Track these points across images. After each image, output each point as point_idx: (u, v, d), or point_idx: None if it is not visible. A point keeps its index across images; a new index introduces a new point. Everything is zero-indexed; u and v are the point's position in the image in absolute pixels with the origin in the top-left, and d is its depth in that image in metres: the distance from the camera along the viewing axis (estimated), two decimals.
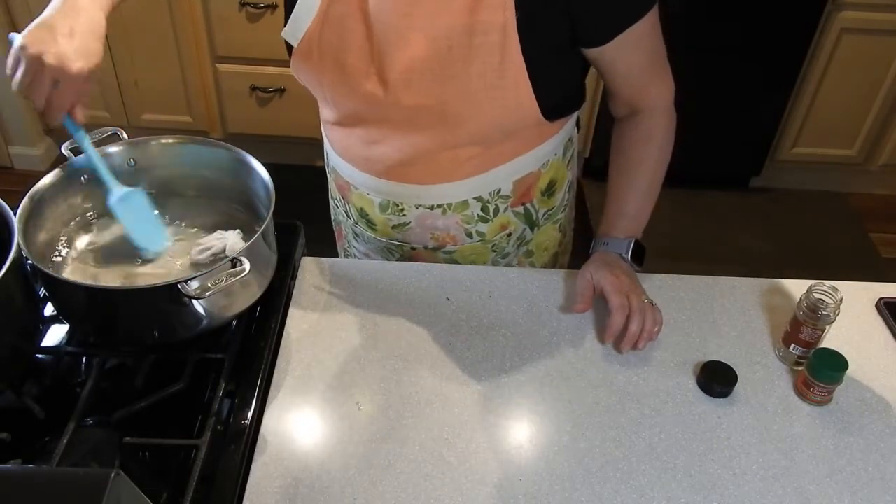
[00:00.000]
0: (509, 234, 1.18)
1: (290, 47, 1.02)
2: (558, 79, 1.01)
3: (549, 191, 1.17)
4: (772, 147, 2.80)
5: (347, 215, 1.25)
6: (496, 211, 1.13)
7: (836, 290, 0.96)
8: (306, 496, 0.83)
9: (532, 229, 1.20)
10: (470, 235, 1.16)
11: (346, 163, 1.15)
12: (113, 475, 0.54)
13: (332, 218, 1.35)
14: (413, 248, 1.19)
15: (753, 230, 2.78)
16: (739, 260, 2.63)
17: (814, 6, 2.44)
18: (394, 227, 1.16)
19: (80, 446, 0.84)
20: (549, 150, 1.11)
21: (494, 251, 1.19)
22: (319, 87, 1.05)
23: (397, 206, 1.13)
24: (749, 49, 2.52)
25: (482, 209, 1.13)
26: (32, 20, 0.87)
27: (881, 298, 1.11)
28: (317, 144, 2.89)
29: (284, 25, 1.01)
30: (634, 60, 1.01)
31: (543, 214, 1.19)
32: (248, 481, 0.84)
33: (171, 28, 2.54)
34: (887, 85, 2.62)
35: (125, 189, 0.98)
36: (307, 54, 1.00)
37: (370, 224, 1.19)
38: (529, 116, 0.99)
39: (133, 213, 0.99)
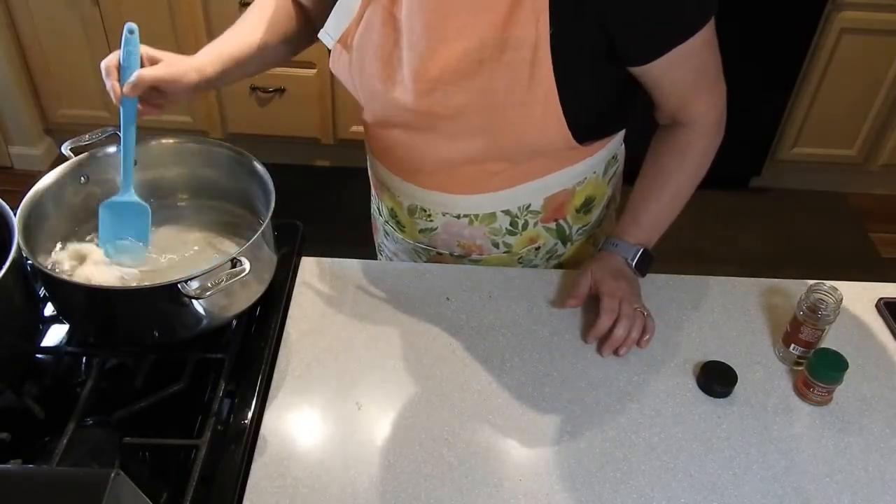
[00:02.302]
0: (538, 248, 1.16)
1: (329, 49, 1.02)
2: (591, 100, 0.97)
3: (586, 208, 1.14)
4: (772, 147, 2.80)
5: (380, 213, 1.25)
6: (525, 225, 1.12)
7: (836, 290, 0.96)
8: (306, 496, 0.83)
9: (565, 244, 1.18)
10: (497, 246, 1.15)
11: (378, 162, 1.15)
12: (113, 475, 0.54)
13: (371, 212, 1.34)
14: (440, 254, 1.19)
15: (753, 230, 2.78)
16: (739, 260, 2.63)
17: (814, 6, 2.44)
18: (421, 230, 1.16)
19: (80, 446, 0.84)
20: (586, 168, 1.09)
21: (521, 263, 1.18)
22: (353, 90, 1.04)
23: (424, 211, 1.13)
24: (749, 49, 2.52)
25: (510, 223, 1.11)
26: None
27: (881, 298, 1.11)
28: (317, 144, 2.92)
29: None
30: (679, 77, 0.96)
31: (578, 230, 1.17)
32: (248, 481, 0.84)
33: (171, 28, 2.55)
34: (887, 85, 2.62)
35: (131, 199, 0.98)
36: (340, 56, 1.00)
37: (399, 225, 1.19)
38: (558, 136, 0.96)
39: (118, 218, 0.99)
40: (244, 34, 1.04)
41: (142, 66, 0.94)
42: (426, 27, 0.92)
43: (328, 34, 1.00)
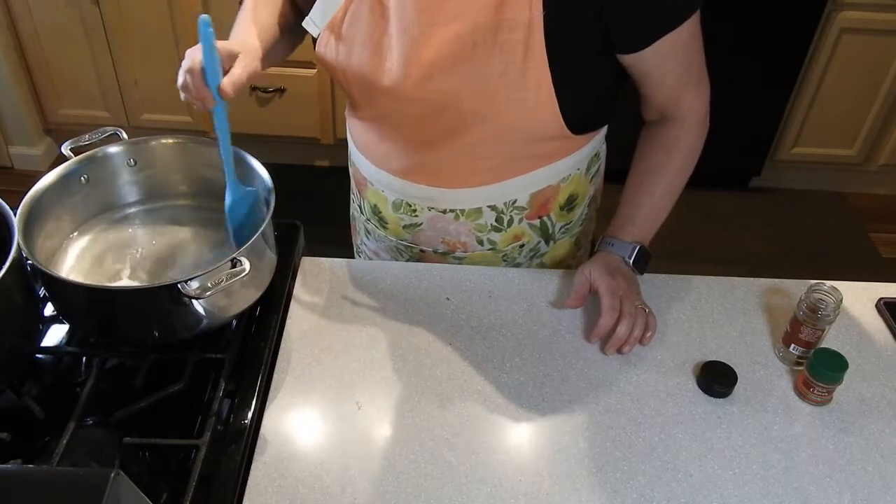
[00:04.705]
0: (522, 246, 1.16)
1: (314, 38, 1.02)
2: (584, 87, 0.98)
3: (569, 205, 1.15)
4: (772, 147, 2.80)
5: (361, 211, 1.24)
6: (510, 222, 1.12)
7: (836, 290, 0.96)
8: (306, 496, 0.83)
9: (547, 243, 1.18)
10: (481, 243, 1.15)
11: (363, 157, 1.15)
12: (113, 475, 0.54)
13: (351, 213, 1.34)
14: (423, 251, 1.18)
15: (753, 230, 2.78)
16: (739, 260, 2.64)
17: (814, 6, 2.44)
18: (405, 227, 1.16)
19: (80, 446, 0.84)
20: (571, 164, 1.09)
21: (505, 261, 1.18)
22: (341, 79, 1.03)
23: (410, 206, 1.13)
24: (749, 49, 2.52)
25: (496, 219, 1.12)
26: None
27: (881, 298, 1.11)
28: (317, 144, 2.92)
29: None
30: (670, 68, 0.98)
31: (560, 228, 1.17)
32: (248, 481, 0.84)
33: (171, 28, 2.55)
34: (887, 85, 2.62)
35: (242, 190, 0.98)
36: (328, 45, 1.00)
37: (382, 222, 1.19)
38: (551, 123, 0.97)
39: (241, 215, 0.99)
40: (267, 19, 1.01)
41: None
42: (418, 11, 0.92)
43: (313, 22, 0.99)
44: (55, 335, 0.98)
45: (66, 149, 1.00)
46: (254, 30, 0.98)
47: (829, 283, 0.98)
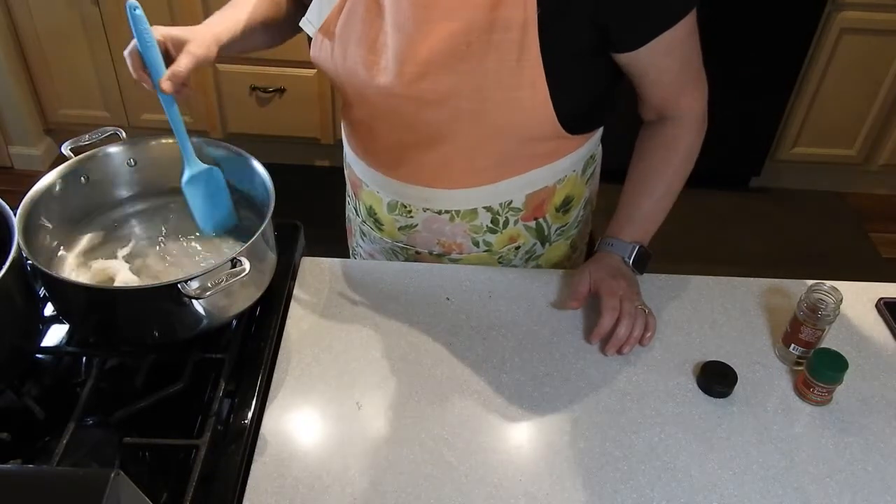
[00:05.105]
0: (518, 248, 1.16)
1: (310, 37, 1.02)
2: (578, 87, 0.98)
3: (565, 207, 1.15)
4: (772, 147, 2.80)
5: (356, 212, 1.24)
6: (506, 223, 1.12)
7: (836, 290, 0.96)
8: (306, 496, 0.83)
9: (543, 245, 1.18)
10: (477, 245, 1.15)
11: (357, 158, 1.14)
12: (113, 475, 0.54)
13: (346, 215, 1.34)
14: (418, 252, 1.18)
15: (753, 230, 2.78)
16: (739, 260, 2.64)
17: (814, 6, 2.44)
18: (400, 228, 1.16)
19: (80, 446, 0.84)
20: (567, 165, 1.09)
21: (501, 262, 1.18)
22: (336, 79, 1.03)
23: (405, 206, 1.12)
24: (749, 49, 2.53)
25: (492, 220, 1.11)
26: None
27: (881, 298, 1.11)
28: (317, 144, 2.92)
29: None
30: (666, 67, 0.98)
31: (556, 230, 1.17)
32: (248, 481, 0.84)
33: (170, 25, 2.55)
34: (887, 85, 2.62)
35: (200, 167, 0.99)
36: (322, 45, 1.00)
37: (377, 223, 1.18)
38: (546, 123, 0.97)
39: (201, 193, 1.00)
40: (256, 9, 1.03)
41: (167, 52, 0.93)
42: (413, 7, 0.92)
43: (309, 22, 1.00)
44: (55, 335, 0.98)
45: (66, 149, 1.00)
46: (230, 16, 1.00)
47: (829, 283, 0.98)
